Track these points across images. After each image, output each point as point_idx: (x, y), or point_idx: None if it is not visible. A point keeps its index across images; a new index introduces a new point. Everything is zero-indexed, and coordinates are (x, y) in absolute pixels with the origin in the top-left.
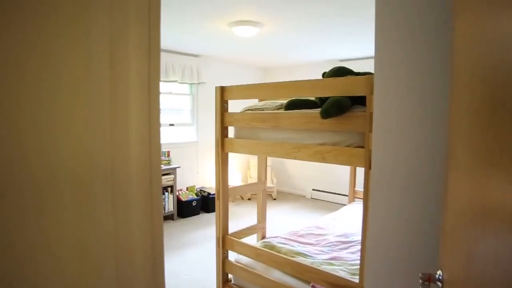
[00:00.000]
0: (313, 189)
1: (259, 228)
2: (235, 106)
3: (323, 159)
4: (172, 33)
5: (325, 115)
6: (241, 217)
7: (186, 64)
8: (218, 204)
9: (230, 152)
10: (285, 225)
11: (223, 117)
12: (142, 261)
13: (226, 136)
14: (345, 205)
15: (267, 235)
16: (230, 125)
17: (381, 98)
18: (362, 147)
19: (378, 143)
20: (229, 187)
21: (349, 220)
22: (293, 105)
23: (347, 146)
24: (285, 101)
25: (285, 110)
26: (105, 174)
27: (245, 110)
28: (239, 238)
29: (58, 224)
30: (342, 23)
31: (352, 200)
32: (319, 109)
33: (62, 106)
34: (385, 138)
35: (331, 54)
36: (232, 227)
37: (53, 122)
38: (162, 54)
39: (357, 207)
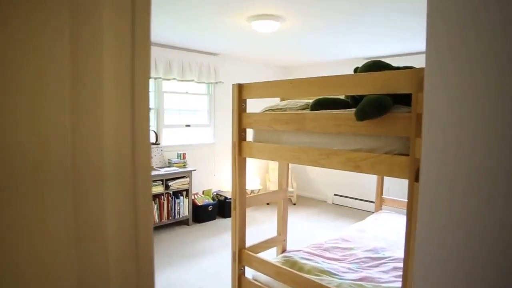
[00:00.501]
0: (335, 194)
1: (279, 241)
2: (254, 106)
3: (357, 168)
4: (188, 30)
5: (362, 116)
6: (259, 224)
7: (203, 62)
8: (234, 214)
9: (248, 157)
10: (305, 233)
11: (240, 118)
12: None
13: (244, 139)
14: (370, 212)
15: (288, 247)
16: (248, 127)
17: (434, 96)
18: (406, 154)
19: (430, 150)
20: (247, 195)
21: (378, 232)
22: (320, 104)
23: (386, 153)
24: (310, 101)
25: (311, 110)
26: (65, 169)
27: (266, 110)
28: (257, 252)
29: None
30: (371, 19)
31: (379, 208)
32: (352, 109)
33: (18, 100)
34: (440, 144)
35: (358, 52)
36: (250, 236)
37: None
38: (178, 53)
39: (385, 217)
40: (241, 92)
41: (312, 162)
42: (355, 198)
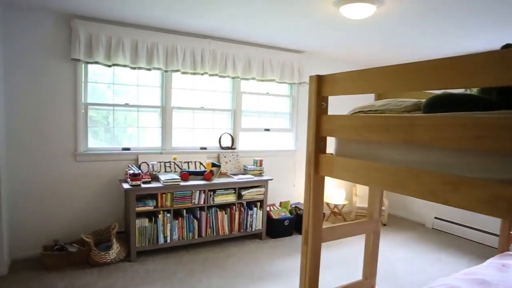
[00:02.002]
0: (436, 218)
1: (366, 287)
2: (338, 107)
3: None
4: (269, 23)
5: None
6: (338, 249)
7: (286, 61)
8: (304, 251)
9: (327, 176)
10: (400, 267)
11: (319, 122)
12: None
13: (324, 151)
14: (485, 246)
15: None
16: (329, 135)
17: None
18: None
19: None
20: (329, 210)
21: None
22: (441, 103)
23: None
24: (422, 100)
25: (425, 112)
26: None
27: (354, 112)
28: None
29: None
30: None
31: (507, 248)
32: (506, 111)
33: None
34: None
35: (470, 47)
36: (325, 277)
37: None
38: (258, 50)
39: None
40: (320, 87)
41: (427, 194)
42: (463, 225)
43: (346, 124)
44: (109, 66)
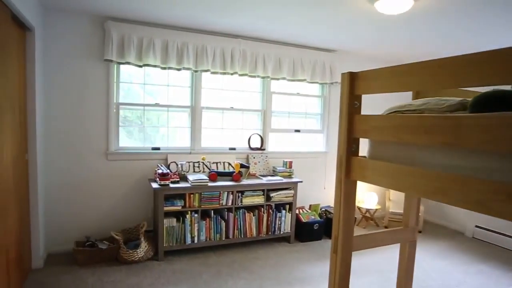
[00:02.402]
0: (477, 226)
1: None
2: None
3: None
4: (301, 22)
5: None
6: (370, 255)
7: (318, 60)
8: (333, 260)
9: (360, 180)
10: (436, 276)
11: (351, 122)
12: None
13: (356, 154)
14: None
15: None
16: (363, 137)
17: None
18: None
19: None
20: (361, 214)
21: None
22: (491, 102)
23: None
24: (468, 98)
25: (471, 112)
26: None
27: (390, 112)
28: None
29: None
30: None
31: None
32: None
33: None
34: None
35: None
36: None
37: None
38: (289, 49)
39: None
40: (353, 85)
41: (475, 205)
42: (508, 236)
43: (381, 125)
44: (140, 66)
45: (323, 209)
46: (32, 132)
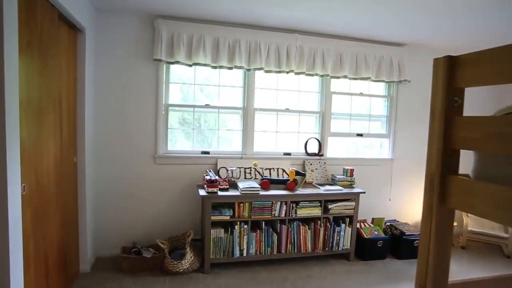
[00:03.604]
0: None
1: None
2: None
3: None
4: (365, 13)
5: None
6: None
7: (384, 55)
8: None
9: (463, 211)
10: None
11: (450, 126)
12: None
13: (455, 171)
14: None
15: None
16: (468, 148)
17: None
18: None
19: None
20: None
21: None
22: None
23: None
24: None
25: None
26: None
27: (507, 112)
28: None
29: None
30: None
31: None
32: None
33: None
34: None
35: None
36: None
37: None
38: (350, 44)
39: None
40: (454, 73)
41: None
42: None
43: (499, 132)
44: (190, 65)
45: (388, 224)
46: (81, 134)
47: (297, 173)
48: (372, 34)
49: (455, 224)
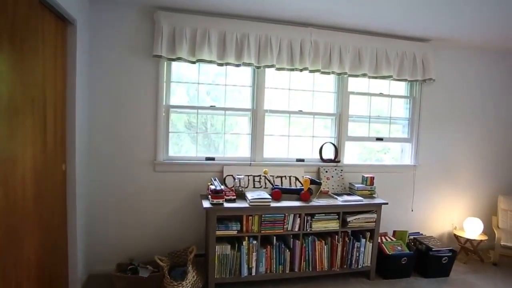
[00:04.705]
0: None
1: None
2: None
3: None
4: (386, 4)
5: None
6: None
7: (406, 52)
8: None
9: None
10: None
11: None
12: None
13: None
14: None
15: None
16: None
17: None
18: None
19: None
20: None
21: None
22: None
23: None
24: None
25: None
26: None
27: None
28: None
29: None
30: None
31: None
32: None
33: None
34: None
35: None
36: None
37: None
38: (370, 39)
39: None
40: None
41: None
42: None
43: None
44: (193, 62)
45: (412, 238)
46: (71, 138)
47: (312, 181)
48: (394, 28)
49: (485, 238)
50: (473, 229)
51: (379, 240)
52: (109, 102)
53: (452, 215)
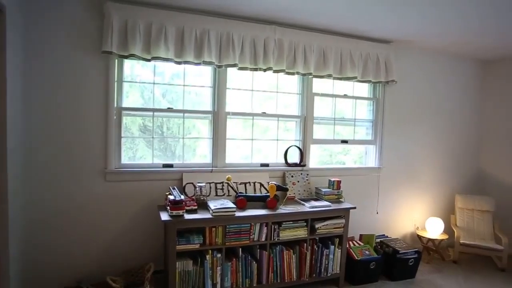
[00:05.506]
0: None
1: None
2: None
3: None
4: (351, 4)
5: None
6: None
7: (370, 53)
8: None
9: None
10: None
11: None
12: None
13: None
14: None
15: None
16: None
17: None
18: None
19: None
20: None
21: None
22: None
23: None
24: None
25: None
26: None
27: None
28: None
29: None
30: None
31: None
32: None
33: None
34: None
35: None
36: None
37: None
38: (336, 39)
39: None
40: None
41: None
42: None
43: None
44: (148, 60)
45: (378, 241)
46: (1, 143)
47: (278, 187)
48: (358, 28)
49: (445, 237)
50: (435, 229)
51: (347, 246)
52: (51, 103)
53: (414, 215)
